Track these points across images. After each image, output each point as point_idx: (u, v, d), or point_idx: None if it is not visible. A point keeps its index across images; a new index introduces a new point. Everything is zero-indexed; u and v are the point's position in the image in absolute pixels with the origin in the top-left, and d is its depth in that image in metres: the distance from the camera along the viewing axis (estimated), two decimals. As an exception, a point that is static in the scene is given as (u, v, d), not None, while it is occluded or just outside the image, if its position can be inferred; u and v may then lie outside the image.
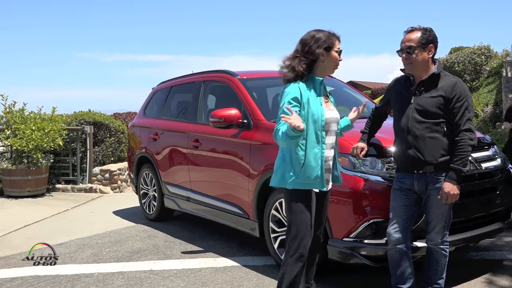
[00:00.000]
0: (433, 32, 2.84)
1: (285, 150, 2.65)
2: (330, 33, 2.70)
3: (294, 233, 2.67)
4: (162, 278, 3.74)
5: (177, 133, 5.12)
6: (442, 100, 2.76)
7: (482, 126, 10.90)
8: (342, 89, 5.05)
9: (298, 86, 2.61)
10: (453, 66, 15.32)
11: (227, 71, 4.70)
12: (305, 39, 2.69)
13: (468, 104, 2.78)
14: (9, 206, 6.72)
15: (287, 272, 2.68)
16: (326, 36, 2.67)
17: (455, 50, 19.04)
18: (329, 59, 2.69)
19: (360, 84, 33.47)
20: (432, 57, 2.85)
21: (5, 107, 7.47)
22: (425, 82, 2.83)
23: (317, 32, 2.69)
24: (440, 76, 2.83)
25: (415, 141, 2.80)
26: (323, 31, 2.70)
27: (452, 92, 2.76)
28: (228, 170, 4.24)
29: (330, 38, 2.68)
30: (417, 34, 2.81)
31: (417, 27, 2.85)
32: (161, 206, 5.47)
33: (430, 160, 2.78)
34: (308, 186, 2.64)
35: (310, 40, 2.66)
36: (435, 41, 2.83)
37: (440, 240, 2.88)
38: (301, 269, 2.70)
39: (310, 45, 2.65)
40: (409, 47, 2.81)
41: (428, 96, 2.80)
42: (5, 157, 7.86)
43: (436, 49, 2.84)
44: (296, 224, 2.66)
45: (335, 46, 2.69)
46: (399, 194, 2.91)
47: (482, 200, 3.40)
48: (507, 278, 3.50)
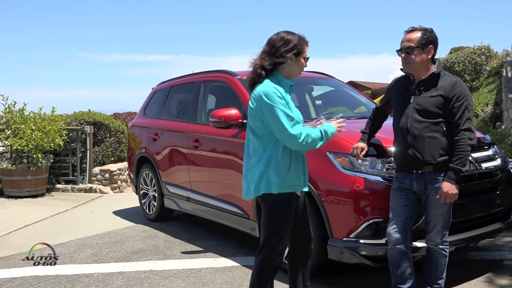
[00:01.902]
0: (434, 33, 2.84)
1: (268, 155, 2.53)
2: (301, 37, 2.59)
3: (276, 241, 2.58)
4: (162, 278, 3.74)
5: (177, 133, 5.12)
6: (441, 99, 2.76)
7: (482, 126, 10.90)
8: (342, 89, 5.05)
9: (274, 87, 2.51)
10: (453, 66, 15.33)
11: (227, 71, 4.69)
12: (274, 40, 2.57)
13: (468, 103, 2.77)
14: (9, 206, 6.72)
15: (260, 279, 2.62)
16: (297, 40, 2.56)
17: (455, 50, 19.06)
18: (297, 65, 2.60)
19: (360, 84, 33.48)
20: (432, 57, 2.85)
21: (5, 107, 7.47)
22: (424, 82, 2.83)
23: (288, 34, 2.57)
24: (440, 76, 2.82)
25: (414, 140, 2.79)
26: (294, 34, 2.59)
27: (452, 91, 2.75)
28: (228, 170, 4.24)
29: (301, 43, 2.58)
30: (417, 35, 2.81)
31: (418, 27, 2.85)
32: (161, 206, 5.46)
33: (429, 160, 2.78)
34: (295, 188, 2.59)
35: (279, 42, 2.55)
36: (435, 42, 2.83)
37: (440, 240, 2.88)
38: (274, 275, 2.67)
39: (279, 46, 2.54)
40: (409, 47, 2.81)
41: (427, 95, 2.80)
42: (5, 157, 7.86)
43: (436, 50, 2.84)
44: (279, 232, 2.58)
45: (304, 52, 2.60)
46: (399, 194, 2.91)
47: (482, 200, 3.40)
48: (507, 278, 3.50)
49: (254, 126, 2.58)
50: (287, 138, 2.47)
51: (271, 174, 2.53)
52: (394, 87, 3.03)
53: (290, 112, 2.48)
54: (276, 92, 2.49)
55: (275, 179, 2.52)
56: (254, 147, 2.59)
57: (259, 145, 2.57)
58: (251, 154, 2.62)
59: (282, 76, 2.60)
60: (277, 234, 2.58)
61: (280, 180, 2.52)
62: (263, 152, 2.55)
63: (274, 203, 2.57)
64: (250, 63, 2.63)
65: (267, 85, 2.52)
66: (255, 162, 2.58)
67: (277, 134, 2.50)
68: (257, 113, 2.53)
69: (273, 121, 2.47)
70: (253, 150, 2.60)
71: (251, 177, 2.60)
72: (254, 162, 2.59)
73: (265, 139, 2.54)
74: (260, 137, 2.56)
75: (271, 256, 2.60)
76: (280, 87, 2.54)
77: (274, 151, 2.53)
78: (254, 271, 2.67)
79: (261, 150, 2.56)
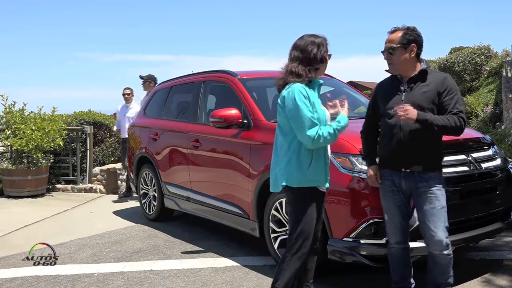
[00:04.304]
0: (416, 31, 2.79)
1: (292, 151, 2.65)
2: (324, 38, 2.74)
3: (299, 232, 2.69)
4: (162, 278, 3.74)
5: (177, 133, 5.12)
6: (434, 94, 2.74)
7: (482, 126, 10.89)
8: (342, 89, 5.05)
9: (302, 87, 2.62)
10: (453, 66, 15.33)
11: (227, 71, 4.70)
12: (303, 45, 2.68)
13: (458, 97, 2.75)
14: (9, 206, 6.72)
15: (287, 269, 2.71)
16: (324, 41, 2.72)
17: (455, 50, 19.05)
18: (326, 64, 2.75)
19: (360, 84, 33.42)
20: (417, 56, 2.80)
21: (5, 107, 7.48)
22: (414, 79, 2.80)
23: (315, 37, 2.71)
24: (428, 72, 2.81)
25: (406, 138, 2.75)
26: (318, 36, 2.73)
27: (442, 86, 2.74)
28: (228, 170, 4.24)
29: (326, 42, 2.73)
30: (398, 34, 2.78)
31: (400, 27, 2.81)
32: (161, 206, 5.47)
33: (420, 159, 2.75)
34: (315, 183, 2.67)
35: (310, 46, 2.67)
36: (417, 40, 2.78)
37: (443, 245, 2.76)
38: (300, 267, 2.74)
39: (310, 51, 2.66)
40: (390, 47, 2.79)
41: (419, 92, 2.77)
42: (5, 157, 7.87)
43: (420, 48, 2.80)
44: (302, 223, 2.68)
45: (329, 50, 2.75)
46: (390, 195, 2.88)
47: (482, 200, 3.40)
48: (507, 278, 3.50)
49: (281, 123, 2.73)
50: (303, 137, 2.60)
51: (293, 168, 2.64)
52: (381, 90, 2.97)
53: (310, 113, 2.58)
54: (302, 92, 2.60)
55: (296, 173, 2.64)
56: (281, 143, 2.73)
57: (284, 142, 2.70)
58: (278, 149, 2.76)
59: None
60: (300, 223, 2.69)
61: (300, 174, 2.63)
62: (288, 148, 2.68)
63: (295, 196, 2.70)
64: (282, 69, 2.73)
65: (296, 85, 2.63)
66: (281, 157, 2.71)
67: (296, 132, 2.62)
68: (283, 111, 2.66)
69: (294, 120, 2.60)
70: (280, 146, 2.74)
71: (278, 171, 2.73)
72: (280, 157, 2.72)
73: (290, 136, 2.67)
74: (286, 134, 2.69)
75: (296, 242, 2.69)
76: (308, 88, 2.65)
77: (297, 147, 2.65)
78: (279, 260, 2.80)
79: (286, 146, 2.69)
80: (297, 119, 2.58)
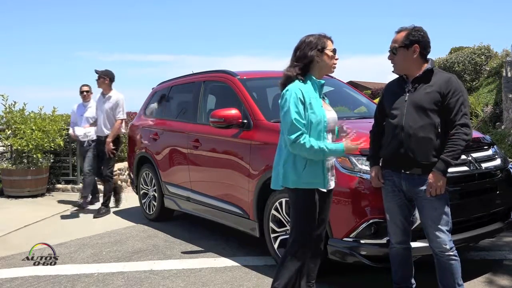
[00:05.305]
0: (422, 32, 2.76)
1: (288, 151, 2.65)
2: (321, 35, 2.75)
3: (299, 232, 2.70)
4: (162, 278, 3.74)
5: (177, 133, 5.12)
6: (437, 95, 2.69)
7: (482, 126, 10.90)
8: (342, 89, 5.05)
9: (299, 88, 2.62)
10: (453, 66, 15.34)
11: (227, 71, 4.70)
12: (297, 46, 2.75)
13: (463, 99, 2.70)
14: (9, 206, 6.71)
15: (287, 269, 2.71)
16: (317, 39, 2.72)
17: (455, 50, 19.07)
18: (324, 59, 2.72)
19: (360, 84, 33.46)
20: (422, 56, 2.77)
21: (5, 107, 7.47)
22: (419, 79, 2.78)
23: (308, 37, 2.74)
24: (434, 73, 2.77)
25: (408, 139, 2.72)
26: (313, 34, 2.75)
27: (447, 87, 2.69)
28: (228, 170, 4.24)
29: (321, 39, 2.73)
30: (402, 35, 2.77)
31: (407, 27, 2.79)
32: (161, 206, 5.47)
33: (420, 161, 2.71)
34: (311, 185, 2.66)
35: (302, 45, 2.72)
36: (421, 40, 2.75)
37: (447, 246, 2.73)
38: (300, 267, 2.74)
39: (302, 49, 2.70)
40: (393, 47, 2.78)
41: (423, 92, 2.74)
42: (5, 157, 7.86)
43: (424, 48, 2.76)
44: (301, 223, 2.69)
45: (327, 46, 2.72)
46: (392, 196, 2.88)
47: (482, 200, 3.39)
48: (507, 278, 3.50)
49: (281, 123, 2.73)
50: (286, 138, 2.63)
51: (289, 169, 2.67)
52: (387, 90, 2.97)
53: (297, 116, 2.57)
54: (297, 93, 2.61)
55: (291, 175, 2.66)
56: (280, 142, 2.77)
57: (282, 141, 2.73)
58: (280, 148, 2.78)
59: (314, 77, 2.72)
60: (299, 224, 2.70)
61: (295, 177, 2.65)
62: (284, 147, 2.70)
63: (292, 196, 2.73)
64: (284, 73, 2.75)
65: (293, 85, 2.65)
66: (280, 156, 2.74)
67: None
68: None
69: (282, 120, 2.65)
70: (280, 145, 2.78)
71: (279, 169, 2.75)
72: (279, 156, 2.76)
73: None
74: (283, 134, 2.71)
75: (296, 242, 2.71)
76: (306, 87, 2.66)
77: None
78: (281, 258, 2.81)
79: (283, 146, 2.71)
80: (283, 119, 2.62)
